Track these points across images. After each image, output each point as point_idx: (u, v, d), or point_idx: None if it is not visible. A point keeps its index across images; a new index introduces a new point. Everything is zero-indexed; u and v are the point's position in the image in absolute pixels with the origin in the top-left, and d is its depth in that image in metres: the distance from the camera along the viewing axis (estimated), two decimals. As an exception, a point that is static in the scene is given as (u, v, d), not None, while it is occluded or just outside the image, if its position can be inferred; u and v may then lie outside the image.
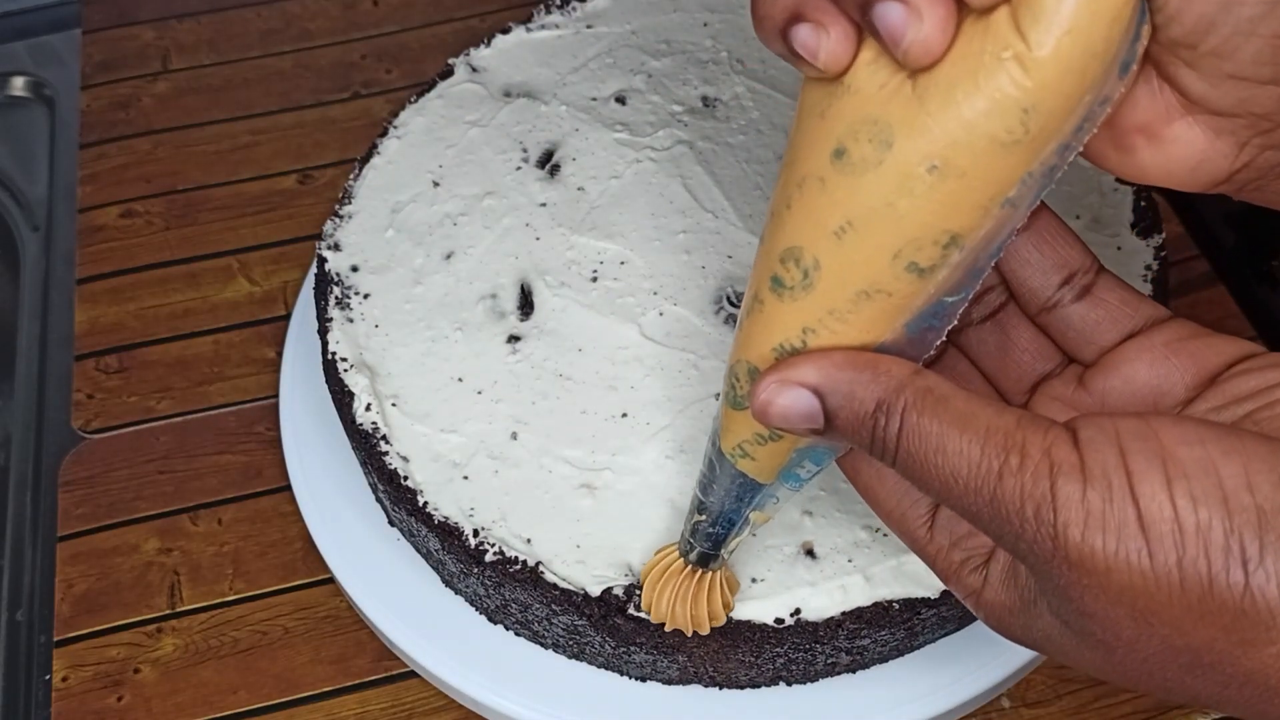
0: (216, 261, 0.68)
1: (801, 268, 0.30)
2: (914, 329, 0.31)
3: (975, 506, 0.29)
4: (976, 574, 0.34)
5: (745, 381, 0.33)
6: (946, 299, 0.31)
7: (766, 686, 0.49)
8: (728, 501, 0.38)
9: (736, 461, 0.36)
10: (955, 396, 0.30)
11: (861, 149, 0.28)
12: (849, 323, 0.31)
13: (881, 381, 0.30)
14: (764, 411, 0.32)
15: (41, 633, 0.56)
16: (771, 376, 0.31)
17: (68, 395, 0.63)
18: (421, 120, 0.59)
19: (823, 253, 0.30)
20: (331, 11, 0.80)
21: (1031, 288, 0.35)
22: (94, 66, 0.77)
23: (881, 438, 0.30)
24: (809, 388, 0.31)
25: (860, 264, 0.29)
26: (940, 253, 0.29)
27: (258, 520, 0.58)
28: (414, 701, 0.53)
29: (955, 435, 0.29)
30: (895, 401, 0.30)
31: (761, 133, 0.57)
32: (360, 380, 0.50)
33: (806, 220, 0.30)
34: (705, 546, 0.41)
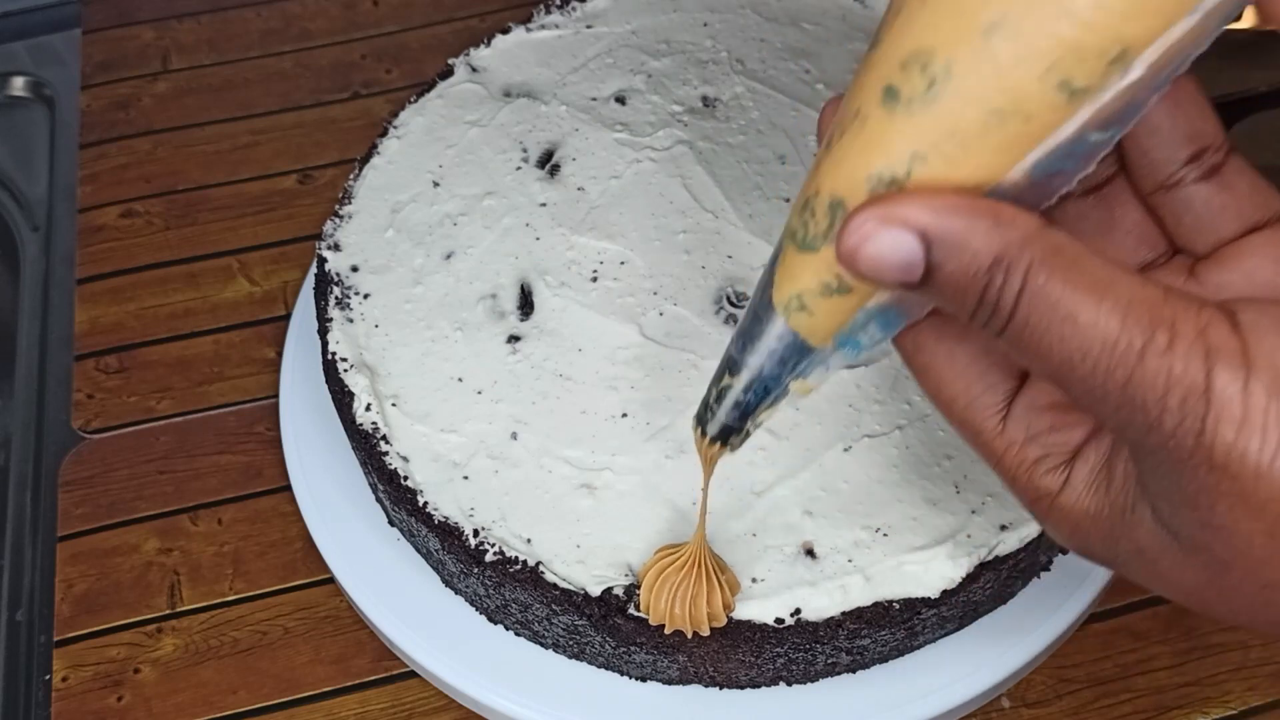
0: (216, 261, 0.68)
1: (928, 75, 0.26)
2: (1041, 171, 0.26)
3: (1103, 389, 0.25)
4: (1054, 474, 0.30)
5: (824, 217, 0.28)
6: (1091, 136, 0.26)
7: (766, 686, 0.49)
8: (769, 364, 0.32)
9: (790, 316, 0.30)
10: (1090, 259, 0.25)
11: None
12: (970, 149, 0.26)
13: (1003, 233, 0.26)
14: (853, 253, 0.27)
15: (41, 633, 0.56)
16: (871, 211, 0.26)
17: (68, 395, 0.63)
18: (421, 120, 0.59)
19: (960, 57, 0.25)
20: (331, 11, 0.80)
21: (1153, 160, 0.30)
22: (94, 66, 0.77)
23: (994, 299, 0.26)
24: (916, 230, 0.26)
25: (1004, 74, 0.25)
26: (1104, 70, 0.25)
27: (258, 520, 0.58)
28: (414, 701, 0.53)
29: (1090, 303, 0.25)
30: (1019, 257, 0.25)
31: (761, 133, 0.57)
32: (360, 380, 0.50)
33: (946, 15, 0.25)
34: (730, 417, 0.35)
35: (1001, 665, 0.49)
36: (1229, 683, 0.52)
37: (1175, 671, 0.52)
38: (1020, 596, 0.50)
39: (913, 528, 0.46)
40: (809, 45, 0.61)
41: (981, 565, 0.45)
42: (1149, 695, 0.51)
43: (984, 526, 0.46)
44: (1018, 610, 0.50)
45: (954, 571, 0.45)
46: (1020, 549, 0.46)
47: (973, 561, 0.45)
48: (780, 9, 0.63)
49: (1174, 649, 0.52)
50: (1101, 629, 0.53)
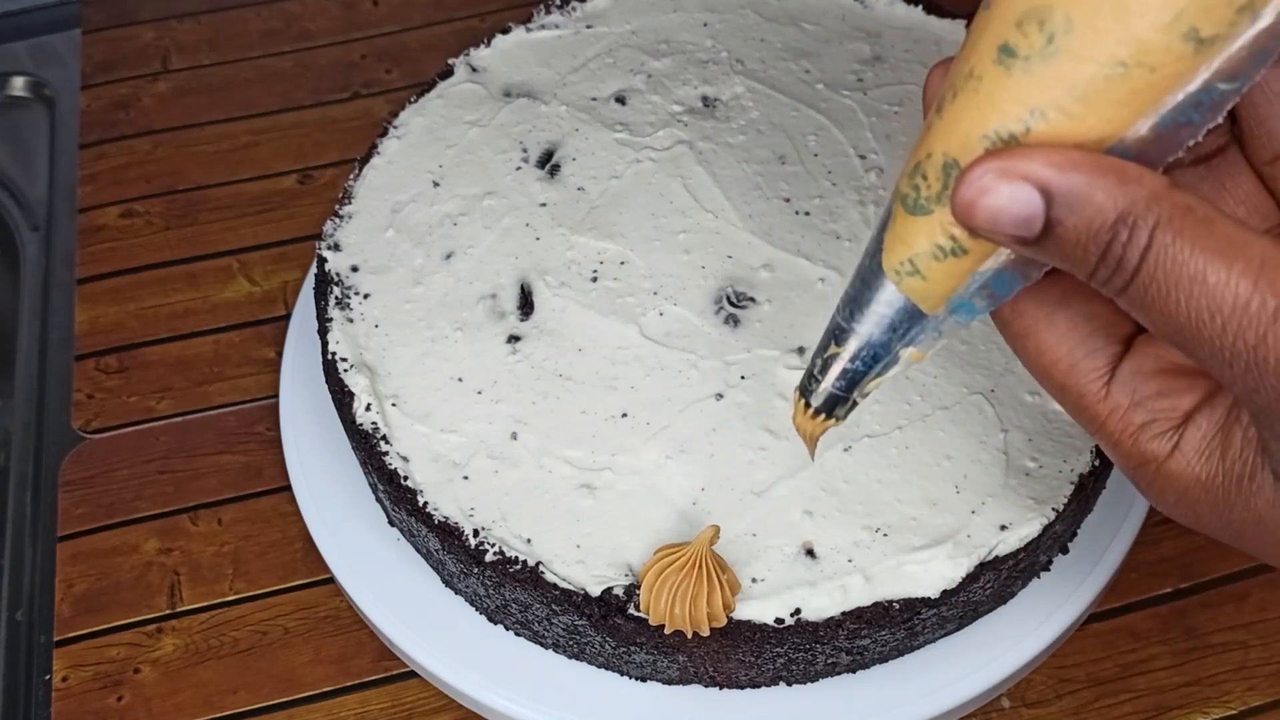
0: (216, 261, 0.68)
1: (1046, 31, 0.25)
2: (1168, 122, 0.26)
3: (1232, 350, 0.25)
4: (1162, 439, 0.30)
5: (936, 179, 0.28)
6: (1219, 85, 0.25)
7: (766, 686, 0.49)
8: (878, 331, 0.31)
9: (901, 281, 0.30)
10: (1221, 220, 0.25)
11: None
12: (1092, 105, 0.25)
13: (1129, 190, 0.25)
14: (970, 206, 0.26)
15: (41, 633, 0.56)
16: (990, 163, 0.26)
17: (68, 395, 0.63)
18: (421, 120, 0.59)
19: (1081, 11, 0.25)
20: (331, 11, 0.80)
21: (1270, 130, 0.30)
22: (94, 66, 0.77)
23: (1118, 256, 0.26)
24: (1036, 184, 0.26)
25: (1128, 25, 0.24)
26: (1232, 18, 0.24)
27: (258, 520, 0.58)
28: (414, 701, 0.53)
29: (1221, 265, 0.25)
30: (1145, 215, 0.25)
31: (761, 133, 0.57)
32: (360, 380, 0.50)
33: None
34: (837, 386, 0.33)
35: (1001, 665, 0.49)
36: (1229, 683, 0.52)
37: (1175, 671, 0.52)
38: (1020, 596, 0.50)
39: (913, 528, 0.46)
40: (809, 45, 0.61)
41: (981, 565, 0.45)
42: (1149, 695, 0.51)
43: (984, 526, 0.46)
44: (1018, 610, 0.50)
45: (954, 571, 0.45)
46: (1020, 549, 0.46)
47: (973, 561, 0.45)
48: (780, 9, 0.63)
49: (1174, 649, 0.52)
50: (1101, 629, 0.53)
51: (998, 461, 0.47)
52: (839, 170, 0.56)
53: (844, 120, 0.58)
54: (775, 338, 0.51)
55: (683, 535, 0.46)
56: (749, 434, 0.48)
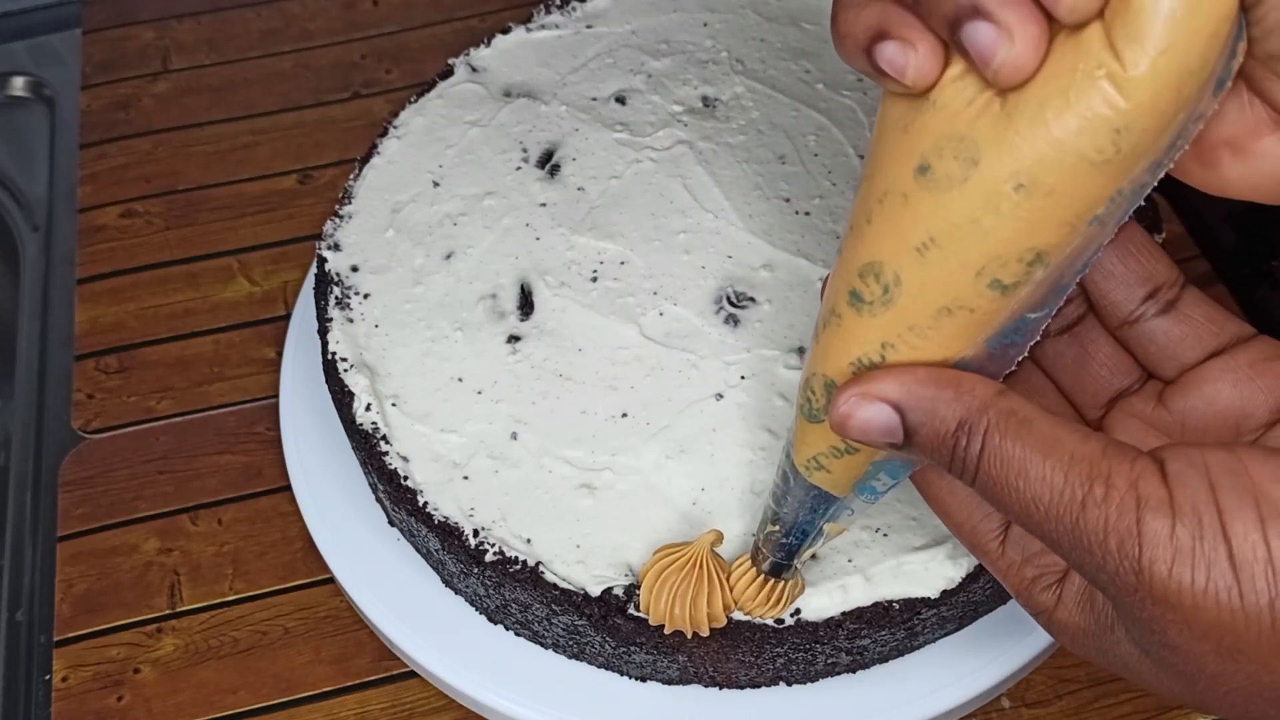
0: (216, 261, 0.68)
1: (882, 283, 0.30)
2: (995, 345, 0.30)
3: (1055, 534, 0.29)
4: (1049, 592, 0.34)
5: (821, 395, 0.33)
6: (1030, 315, 0.30)
7: (766, 686, 0.49)
8: (802, 513, 0.38)
9: (811, 474, 0.36)
10: (1040, 420, 0.29)
11: (947, 166, 0.28)
12: (929, 338, 0.30)
13: (964, 401, 0.30)
14: (843, 424, 0.31)
15: (41, 633, 0.56)
16: (852, 390, 0.31)
17: (68, 395, 0.63)
18: (421, 120, 0.59)
19: (904, 268, 0.29)
20: (331, 11, 0.80)
21: (1114, 301, 0.34)
22: (94, 66, 0.77)
23: (962, 457, 0.30)
24: (890, 403, 0.30)
25: (943, 280, 0.29)
26: (1025, 270, 0.28)
27: (258, 520, 0.58)
28: (414, 701, 0.53)
29: (1038, 460, 0.28)
30: (978, 422, 0.29)
31: (761, 133, 0.57)
32: (360, 380, 0.50)
33: (888, 236, 0.29)
34: (778, 557, 0.41)
35: (1001, 665, 0.49)
36: (1229, 683, 0.52)
37: (1175, 671, 0.52)
38: (1020, 596, 0.50)
39: (913, 528, 0.46)
40: (809, 45, 0.61)
41: (981, 565, 0.45)
42: (1149, 695, 0.51)
43: (984, 526, 0.46)
44: (1018, 610, 0.49)
45: (954, 571, 0.45)
46: (1020, 549, 0.46)
47: (973, 561, 0.45)
48: (780, 9, 0.63)
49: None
50: (1101, 629, 0.53)
51: (998, 461, 0.47)
52: (839, 170, 0.56)
53: (844, 120, 0.58)
54: (775, 338, 0.51)
55: (683, 535, 0.46)
56: (749, 434, 0.48)
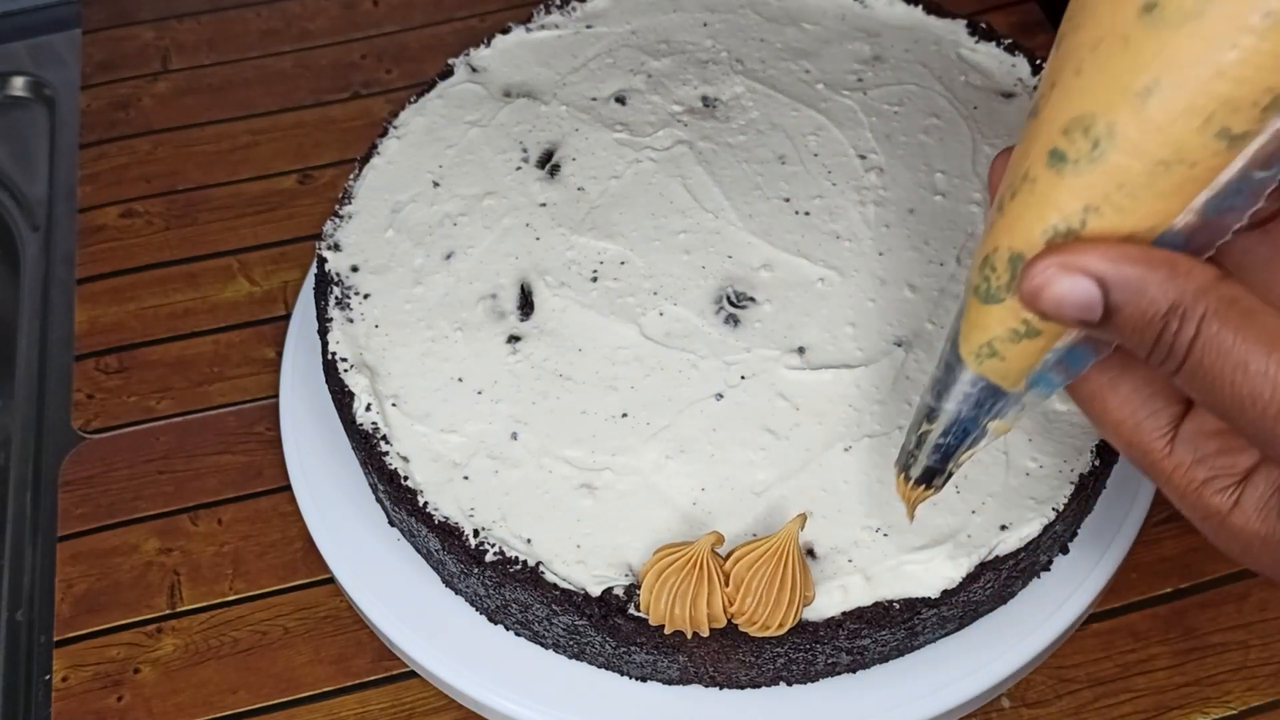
0: (216, 261, 0.68)
1: (1091, 137, 0.28)
2: (1213, 209, 0.28)
3: (1272, 431, 0.27)
4: (1224, 495, 0.32)
5: (1005, 270, 0.30)
6: (1256, 173, 0.28)
7: (766, 686, 0.49)
8: (965, 408, 0.35)
9: (982, 363, 0.33)
10: (1264, 312, 0.27)
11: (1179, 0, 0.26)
12: (1140, 199, 0.28)
13: (1180, 282, 0.28)
14: (1035, 296, 0.29)
15: (41, 633, 0.56)
16: (1052, 258, 0.29)
17: (68, 395, 0.63)
18: (421, 120, 0.59)
19: (1121, 118, 0.27)
20: (331, 11, 0.80)
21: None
22: (94, 66, 0.77)
23: (1170, 343, 0.28)
24: (1094, 276, 0.28)
25: (1165, 129, 0.27)
26: (1259, 116, 0.26)
27: (258, 520, 0.58)
28: (414, 701, 0.53)
29: (1261, 354, 0.27)
30: (1195, 306, 0.28)
31: (761, 133, 0.57)
32: (360, 380, 0.50)
33: (1102, 83, 0.27)
34: (932, 460, 0.37)
35: (1001, 665, 0.49)
36: (1229, 683, 0.52)
37: (1175, 671, 0.52)
38: (1020, 596, 0.50)
39: (913, 528, 0.46)
40: (809, 45, 0.61)
41: (981, 565, 0.45)
42: (1149, 695, 0.51)
43: (984, 526, 0.46)
44: (1018, 610, 0.50)
45: (954, 571, 0.45)
46: (1020, 549, 0.46)
47: (973, 561, 0.45)
48: (780, 9, 0.63)
49: (1174, 649, 0.52)
50: (1101, 629, 0.53)
51: (998, 461, 0.47)
52: (839, 170, 0.56)
53: (844, 120, 0.58)
54: (775, 338, 0.51)
55: (683, 535, 0.46)
56: (749, 434, 0.48)
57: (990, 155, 0.56)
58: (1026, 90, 0.59)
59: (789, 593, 0.42)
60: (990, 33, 0.61)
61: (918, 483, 0.38)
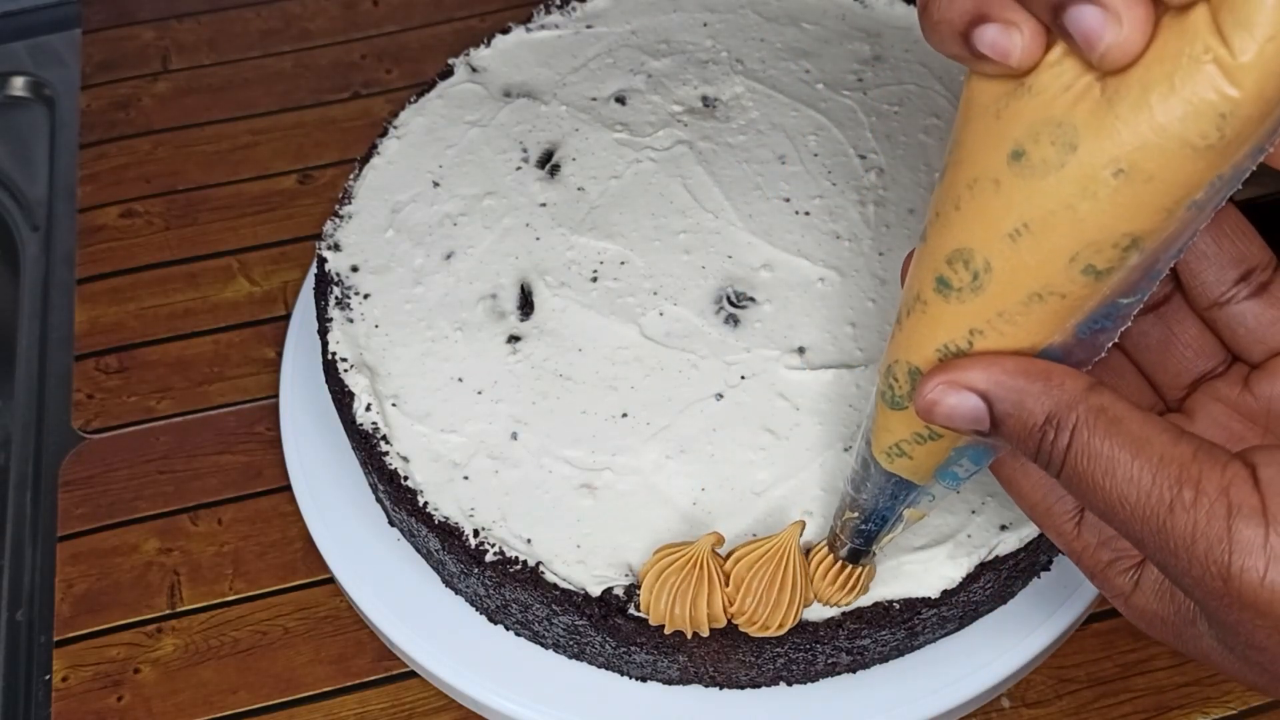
0: (216, 261, 0.68)
1: (971, 269, 0.30)
2: (1085, 330, 0.30)
3: (1140, 533, 0.28)
4: (1126, 576, 0.34)
5: (905, 382, 0.33)
6: (1121, 300, 0.30)
7: (766, 686, 0.49)
8: (882, 500, 0.38)
9: (892, 461, 0.35)
10: (1130, 418, 0.29)
11: (1043, 151, 0.27)
12: (1018, 324, 0.30)
13: (1054, 394, 0.29)
14: (929, 411, 0.31)
15: (41, 633, 0.56)
16: (939, 377, 0.31)
17: (68, 395, 0.63)
18: (421, 120, 0.59)
19: (995, 255, 0.29)
20: (331, 11, 0.80)
21: (1205, 282, 0.34)
22: (94, 66, 0.77)
23: (1048, 450, 0.30)
24: (977, 392, 0.30)
25: (1034, 267, 0.29)
26: (1119, 255, 0.28)
27: (258, 520, 0.58)
28: (414, 701, 0.53)
29: (1127, 459, 0.28)
30: (1067, 417, 0.29)
31: (761, 133, 0.57)
32: (360, 380, 0.50)
33: (978, 222, 0.29)
34: (857, 543, 0.41)
35: (1001, 665, 0.49)
36: (1229, 683, 0.52)
37: (1175, 671, 0.52)
38: (1020, 596, 0.50)
39: (913, 527, 0.46)
40: (809, 45, 0.61)
41: (981, 565, 0.45)
42: (1149, 695, 0.51)
43: (984, 526, 0.46)
44: (1018, 610, 0.50)
45: (954, 571, 0.45)
46: (1020, 549, 0.46)
47: (973, 561, 0.45)
48: (780, 9, 0.63)
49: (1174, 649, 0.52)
50: (1101, 629, 0.53)
51: (998, 461, 0.47)
52: (839, 170, 0.56)
53: (844, 120, 0.58)
54: (775, 338, 0.51)
55: (683, 535, 0.46)
56: (749, 434, 0.48)
57: (990, 155, 0.56)
58: (1026, 90, 0.59)
59: (789, 593, 0.42)
60: (990, 33, 0.61)
61: (846, 562, 0.42)
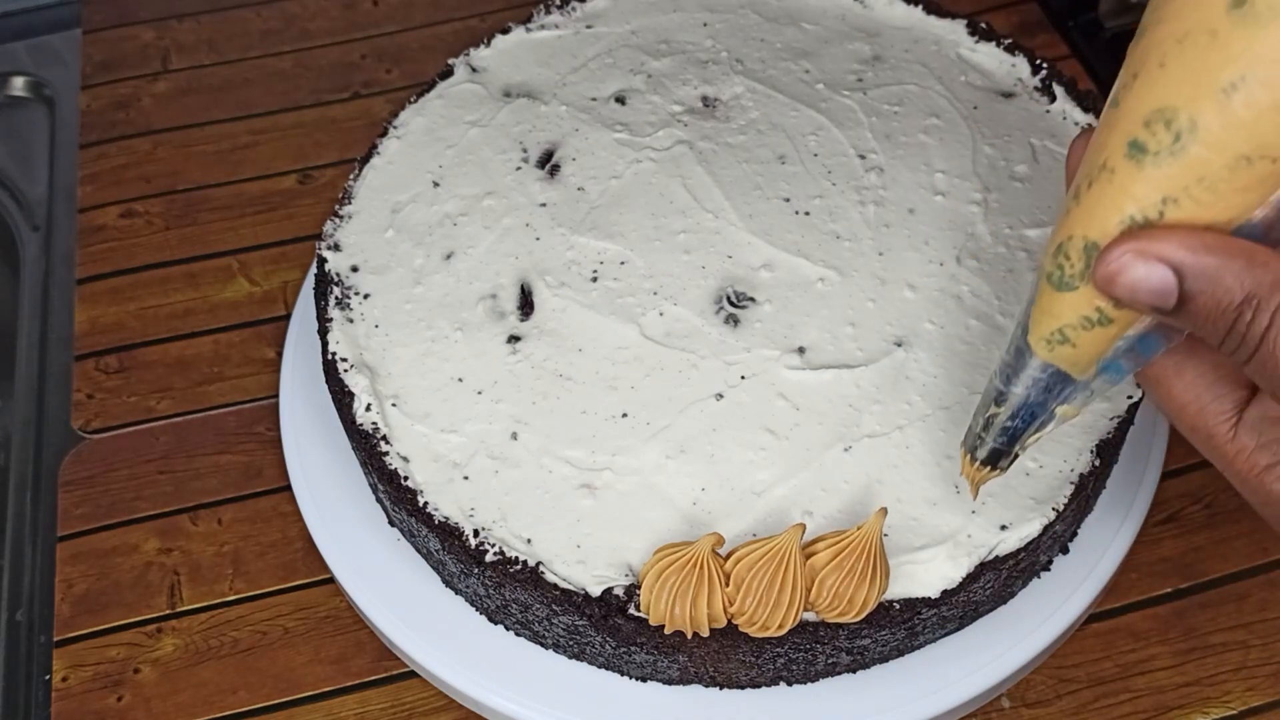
0: (216, 261, 0.68)
1: (1173, 130, 0.28)
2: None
3: None
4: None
5: (1079, 259, 0.31)
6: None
7: (766, 686, 0.49)
8: (1034, 393, 0.36)
9: (1053, 349, 0.34)
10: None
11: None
12: (1218, 192, 0.28)
13: (1256, 273, 0.28)
14: (1110, 281, 0.29)
15: (41, 633, 0.56)
16: (1128, 244, 0.29)
17: (68, 395, 0.63)
18: (421, 120, 0.59)
19: (1203, 112, 0.28)
20: (331, 11, 0.80)
21: None
22: (94, 66, 0.77)
23: (1243, 333, 0.28)
24: (1170, 264, 0.28)
25: (1248, 125, 0.27)
26: None
27: (258, 520, 0.58)
28: (414, 701, 0.53)
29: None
30: (1270, 298, 0.28)
31: (761, 133, 0.57)
32: (360, 380, 0.50)
33: (1187, 78, 0.28)
34: (999, 442, 0.38)
35: (1001, 665, 0.49)
36: (1229, 683, 0.52)
37: (1175, 671, 0.52)
38: (1020, 596, 0.50)
39: (913, 528, 0.46)
40: (809, 45, 0.61)
41: (981, 565, 0.45)
42: (1149, 695, 0.51)
43: (984, 526, 0.46)
44: (1018, 610, 0.50)
45: (954, 571, 0.45)
46: (1020, 549, 0.46)
47: (973, 561, 0.45)
48: (780, 9, 0.63)
49: (1174, 649, 0.52)
50: (1101, 629, 0.53)
51: (998, 461, 0.47)
52: (839, 170, 0.56)
53: (844, 120, 0.58)
54: (775, 338, 0.51)
55: (683, 535, 0.46)
56: (749, 434, 0.48)
57: (990, 155, 0.56)
58: (1026, 90, 0.59)
59: (789, 593, 0.42)
60: (990, 33, 0.61)
61: (984, 464, 0.39)
